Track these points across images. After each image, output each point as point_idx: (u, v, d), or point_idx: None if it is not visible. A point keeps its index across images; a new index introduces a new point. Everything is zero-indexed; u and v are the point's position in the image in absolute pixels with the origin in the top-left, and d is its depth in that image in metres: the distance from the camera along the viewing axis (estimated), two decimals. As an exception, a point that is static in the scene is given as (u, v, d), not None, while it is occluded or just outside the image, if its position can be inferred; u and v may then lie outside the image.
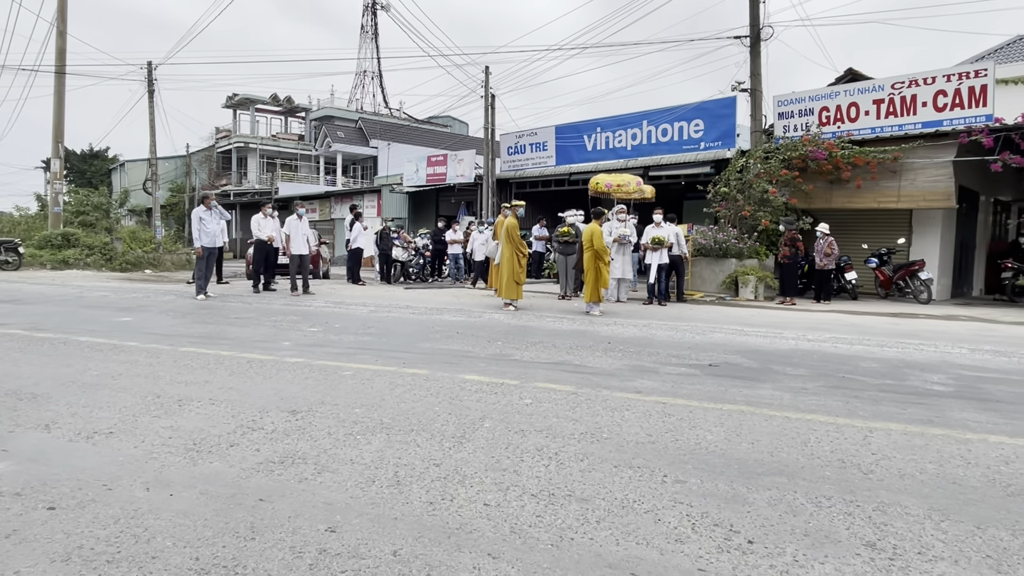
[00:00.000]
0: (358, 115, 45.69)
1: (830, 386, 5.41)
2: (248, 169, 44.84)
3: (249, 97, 44.95)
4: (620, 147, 18.55)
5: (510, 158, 21.83)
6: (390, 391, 4.95)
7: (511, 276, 10.81)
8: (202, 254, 12.05)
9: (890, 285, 13.90)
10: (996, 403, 4.93)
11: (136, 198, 38.80)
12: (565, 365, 6.09)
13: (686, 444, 3.80)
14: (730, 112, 16.11)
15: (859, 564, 2.43)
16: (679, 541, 2.60)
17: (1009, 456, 3.69)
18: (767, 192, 13.82)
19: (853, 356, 6.88)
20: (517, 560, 2.43)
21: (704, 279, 14.48)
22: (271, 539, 2.56)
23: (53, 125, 21.78)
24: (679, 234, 12.63)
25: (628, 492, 3.08)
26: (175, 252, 24.23)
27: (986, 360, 6.80)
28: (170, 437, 3.78)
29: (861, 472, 3.39)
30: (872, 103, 13.87)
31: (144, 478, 3.15)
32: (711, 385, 5.34)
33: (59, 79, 21.56)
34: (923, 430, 4.16)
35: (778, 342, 7.77)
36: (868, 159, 13.14)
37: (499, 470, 3.33)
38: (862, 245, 14.47)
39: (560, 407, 4.55)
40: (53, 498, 2.88)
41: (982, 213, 16.18)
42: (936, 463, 3.55)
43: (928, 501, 3.03)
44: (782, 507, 2.94)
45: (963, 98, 12.75)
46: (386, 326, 8.60)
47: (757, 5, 15.25)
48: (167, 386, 5.01)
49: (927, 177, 13.01)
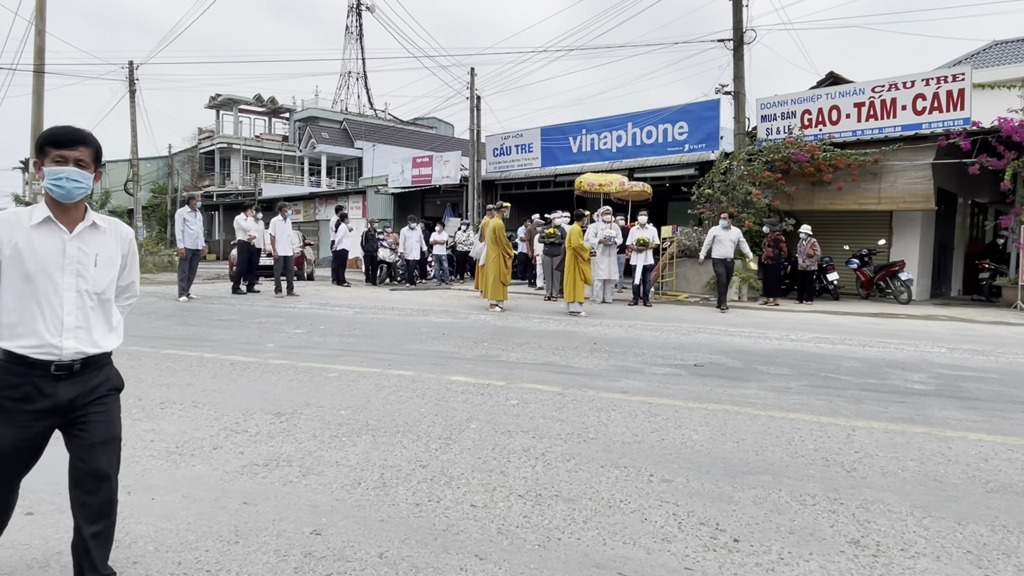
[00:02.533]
0: (343, 116, 45.44)
1: (813, 385, 5.46)
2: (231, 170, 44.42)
3: (232, 97, 44.52)
4: (605, 149, 18.61)
5: (496, 159, 21.82)
6: (376, 392, 4.92)
7: (497, 277, 10.81)
8: (185, 255, 11.92)
9: (871, 286, 14.08)
10: (975, 401, 5.01)
11: (117, 199, 38.28)
12: (551, 366, 6.09)
13: (672, 444, 3.82)
14: (714, 114, 16.23)
15: (843, 561, 2.46)
16: (666, 540, 2.61)
17: (988, 453, 3.75)
18: (750, 194, 13.94)
19: (836, 355, 6.96)
20: (504, 561, 2.42)
21: (688, 280, 14.57)
22: (255, 542, 2.53)
23: (32, 125, 21.42)
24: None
25: (615, 492, 3.09)
26: (157, 253, 23.93)
27: (965, 359, 6.91)
28: (152, 440, 3.73)
29: (844, 470, 3.43)
30: (853, 106, 14.04)
31: (125, 482, 3.09)
32: (696, 385, 5.37)
33: (38, 78, 21.23)
34: (904, 428, 4.22)
35: (762, 342, 7.83)
36: (849, 161, 13.31)
37: (486, 471, 3.32)
38: (844, 246, 14.64)
39: (547, 408, 4.56)
40: (31, 503, 2.82)
41: (960, 215, 16.45)
42: (918, 461, 3.60)
43: (910, 498, 3.07)
44: (767, 505, 2.96)
45: (941, 102, 12.94)
46: (372, 327, 8.55)
47: (740, 9, 15.39)
48: (149, 389, 4.94)
49: (907, 179, 13.20)
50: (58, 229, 1.98)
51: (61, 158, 1.94)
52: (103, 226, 2.09)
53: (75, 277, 1.99)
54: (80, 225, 2.03)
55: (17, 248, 1.92)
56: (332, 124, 44.04)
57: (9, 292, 1.94)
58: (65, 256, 1.98)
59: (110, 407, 2.09)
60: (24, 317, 1.93)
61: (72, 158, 1.95)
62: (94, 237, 2.05)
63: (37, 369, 1.94)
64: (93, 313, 2.04)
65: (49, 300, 1.95)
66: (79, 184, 1.96)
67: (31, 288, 1.93)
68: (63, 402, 1.97)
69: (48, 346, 1.94)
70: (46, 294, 1.94)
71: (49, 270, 1.95)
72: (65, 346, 1.96)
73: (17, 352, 1.92)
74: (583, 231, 11.36)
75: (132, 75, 27.03)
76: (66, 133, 1.98)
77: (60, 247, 1.97)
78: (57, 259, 1.96)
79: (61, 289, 1.96)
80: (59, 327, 1.96)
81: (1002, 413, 4.66)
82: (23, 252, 1.92)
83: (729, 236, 11.69)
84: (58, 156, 1.94)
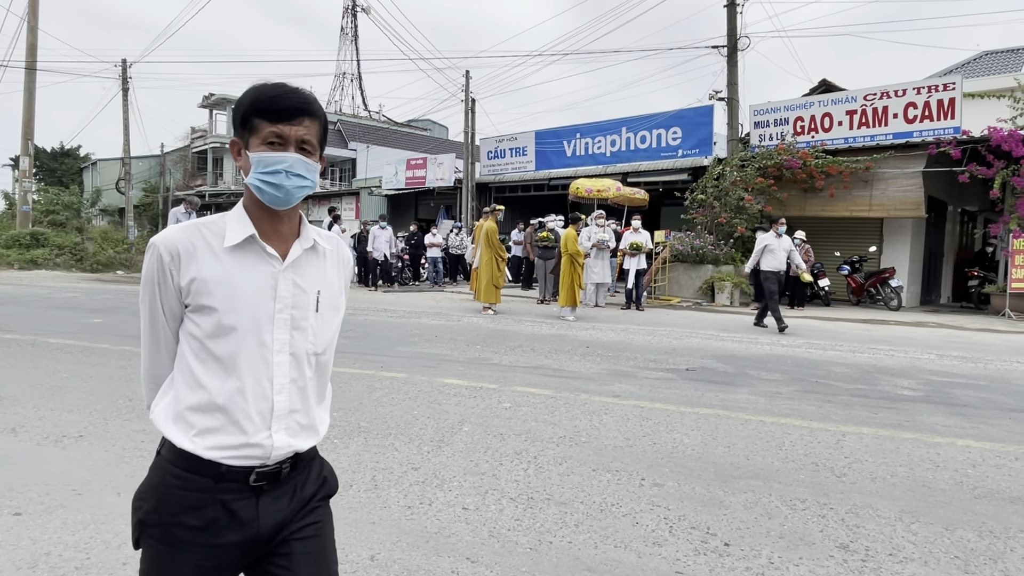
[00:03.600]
0: (337, 117, 45.36)
1: (804, 391, 5.49)
2: (224, 170, 44.23)
3: (226, 97, 44.33)
4: (599, 153, 18.68)
5: (490, 162, 21.85)
6: (368, 394, 4.91)
7: (490, 280, 10.81)
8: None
9: (862, 292, 14.18)
10: (963, 407, 5.06)
11: (108, 198, 38.02)
12: (544, 369, 6.10)
13: (663, 448, 3.83)
14: (707, 120, 16.33)
15: (833, 566, 2.47)
16: (657, 544, 2.62)
17: (976, 459, 3.78)
18: (743, 199, 14.03)
19: (826, 361, 7.00)
20: (496, 564, 2.42)
21: (681, 284, 14.63)
22: (246, 544, 2.52)
23: (23, 122, 21.28)
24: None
25: (606, 495, 3.10)
26: (148, 253, 23.75)
27: (953, 366, 6.97)
28: (142, 441, 3.71)
29: (834, 475, 3.45)
30: (845, 114, 14.16)
31: (115, 483, 3.08)
32: (688, 389, 5.40)
33: (30, 75, 21.10)
34: (894, 434, 4.25)
35: (753, 347, 7.87)
36: (841, 168, 13.42)
37: (478, 474, 3.33)
38: (835, 253, 14.75)
39: (539, 411, 4.56)
40: (19, 503, 2.80)
41: (950, 223, 16.60)
42: (906, 466, 3.63)
43: (899, 503, 3.09)
44: (758, 510, 2.98)
45: (932, 110, 13.08)
46: (364, 329, 8.53)
47: (734, 16, 15.51)
48: (139, 389, 4.91)
49: (898, 187, 13.32)
50: (265, 255, 1.25)
51: (278, 138, 1.23)
52: (323, 247, 1.36)
53: (289, 331, 1.27)
54: (296, 247, 1.29)
55: (204, 286, 1.21)
56: (326, 125, 43.91)
57: (191, 356, 1.24)
58: (277, 298, 1.25)
59: (324, 528, 1.35)
60: (215, 398, 1.21)
61: (295, 138, 1.24)
62: (312, 265, 1.32)
63: (229, 481, 1.22)
64: (310, 386, 1.32)
65: (253, 369, 1.23)
66: (304, 182, 1.25)
67: (226, 350, 1.22)
68: (266, 531, 1.25)
69: (250, 445, 1.22)
70: (249, 361, 1.23)
71: (256, 321, 1.23)
72: (276, 443, 1.24)
73: (203, 456, 1.20)
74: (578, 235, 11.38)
75: (125, 73, 26.92)
76: (287, 96, 1.24)
77: (270, 283, 1.25)
78: (266, 303, 1.24)
79: (271, 351, 1.25)
80: (267, 413, 1.24)
81: (990, 420, 4.70)
82: (213, 293, 1.21)
83: (782, 245, 10.01)
84: (274, 134, 1.23)
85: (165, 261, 1.22)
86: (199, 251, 1.22)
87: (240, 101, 1.25)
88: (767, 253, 9.95)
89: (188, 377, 1.24)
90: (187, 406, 1.22)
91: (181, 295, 1.23)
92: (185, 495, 1.20)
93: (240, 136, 1.27)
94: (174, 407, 1.25)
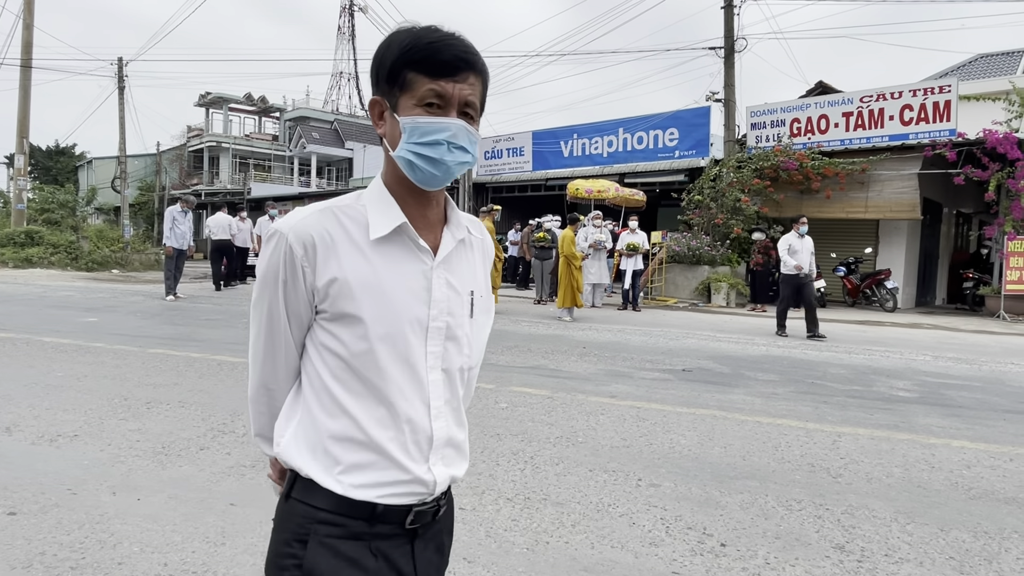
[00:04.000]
0: (334, 116, 45.32)
1: (800, 391, 5.51)
2: (220, 169, 44.13)
3: (222, 96, 44.26)
4: (596, 154, 18.69)
5: (487, 162, 21.84)
6: (364, 394, 4.90)
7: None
8: (171, 253, 11.83)
9: (857, 293, 14.22)
10: (958, 409, 5.08)
11: (104, 196, 37.87)
12: (541, 369, 6.10)
13: (660, 448, 3.84)
14: (704, 121, 16.36)
15: (829, 566, 2.48)
16: (653, 544, 2.63)
17: (971, 460, 3.80)
18: (739, 201, 14.06)
19: (822, 362, 7.02)
20: (492, 564, 2.42)
21: (677, 285, 14.65)
22: (242, 544, 2.52)
23: (18, 120, 21.19)
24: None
25: (603, 496, 3.10)
26: (143, 252, 23.69)
27: (949, 367, 7.00)
28: (138, 440, 3.69)
29: (830, 476, 3.46)
30: (841, 115, 14.20)
31: (110, 482, 3.07)
32: (684, 390, 5.40)
33: (25, 73, 21.01)
34: (889, 435, 4.26)
35: (749, 348, 7.89)
36: (837, 170, 13.46)
37: (474, 474, 3.32)
38: (831, 254, 14.78)
39: (536, 411, 4.56)
40: (14, 503, 2.79)
41: (945, 224, 16.67)
42: (902, 467, 3.64)
43: (895, 504, 3.10)
44: (754, 510, 2.98)
45: (928, 113, 13.13)
46: (360, 329, 8.52)
47: (732, 17, 15.54)
48: (135, 388, 4.90)
49: (893, 189, 13.37)
50: (416, 249, 1.02)
51: (439, 98, 0.97)
52: (474, 235, 1.14)
53: (443, 342, 1.04)
54: (447, 237, 1.06)
55: (347, 290, 0.97)
56: (323, 124, 43.90)
57: (328, 376, 1.00)
58: (432, 302, 1.02)
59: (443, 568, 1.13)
60: (365, 428, 0.98)
61: (458, 99, 0.98)
62: (463, 259, 1.09)
63: (385, 523, 1.00)
64: (461, 406, 1.12)
65: (406, 391, 1.00)
66: (466, 156, 1.00)
67: (375, 369, 0.98)
68: None
69: (409, 481, 1.00)
70: (402, 381, 1.00)
71: (410, 332, 1.00)
72: (438, 477, 1.03)
73: (354, 498, 0.97)
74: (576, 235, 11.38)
75: (121, 71, 26.83)
76: (450, 45, 0.97)
77: (423, 284, 1.01)
78: (419, 309, 1.00)
79: (425, 368, 1.02)
80: (424, 443, 1.02)
81: (984, 421, 4.72)
82: (359, 299, 0.97)
83: (806, 246, 9.30)
84: (434, 93, 0.97)
85: (297, 255, 0.96)
86: (339, 244, 0.97)
87: (387, 47, 0.98)
88: (792, 255, 9.30)
89: (327, 401, 0.99)
90: (328, 435, 0.98)
91: (314, 298, 0.98)
92: (338, 543, 0.96)
93: (384, 94, 1.00)
94: (310, 437, 1.00)
